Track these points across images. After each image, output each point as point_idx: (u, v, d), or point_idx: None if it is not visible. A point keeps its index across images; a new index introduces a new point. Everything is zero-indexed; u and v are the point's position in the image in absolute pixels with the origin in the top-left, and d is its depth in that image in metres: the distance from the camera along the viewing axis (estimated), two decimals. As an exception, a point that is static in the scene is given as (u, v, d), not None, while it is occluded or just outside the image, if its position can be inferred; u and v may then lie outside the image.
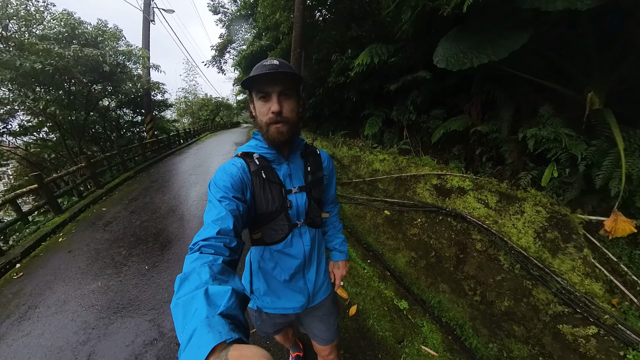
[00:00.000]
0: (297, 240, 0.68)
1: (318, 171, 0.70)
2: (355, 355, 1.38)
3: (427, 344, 1.48)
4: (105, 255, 2.44)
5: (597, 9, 1.25)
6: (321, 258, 0.78)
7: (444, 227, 2.05)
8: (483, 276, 1.71)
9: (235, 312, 0.32)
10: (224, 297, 0.32)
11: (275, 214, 0.63)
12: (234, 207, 0.53)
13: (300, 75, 0.58)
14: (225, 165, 0.61)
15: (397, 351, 1.42)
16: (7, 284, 2.16)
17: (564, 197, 1.69)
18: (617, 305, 1.36)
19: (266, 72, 0.53)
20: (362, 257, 2.31)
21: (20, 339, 1.56)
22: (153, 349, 1.43)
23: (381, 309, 1.70)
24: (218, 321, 0.29)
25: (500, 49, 1.53)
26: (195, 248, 0.45)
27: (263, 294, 0.73)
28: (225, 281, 0.37)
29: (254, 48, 6.31)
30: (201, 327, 0.27)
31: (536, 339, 1.42)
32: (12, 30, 4.68)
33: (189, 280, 0.36)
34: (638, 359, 1.18)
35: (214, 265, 0.40)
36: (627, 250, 1.59)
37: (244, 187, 0.59)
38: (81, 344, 1.49)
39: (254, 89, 0.58)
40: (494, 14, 1.72)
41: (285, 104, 0.57)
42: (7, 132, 5.95)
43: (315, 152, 0.73)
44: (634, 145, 1.50)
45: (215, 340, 0.26)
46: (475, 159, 2.29)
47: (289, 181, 0.66)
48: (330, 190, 0.81)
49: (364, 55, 2.72)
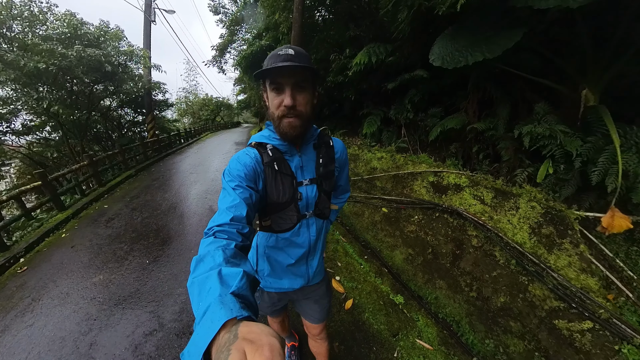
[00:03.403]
0: (304, 230, 0.70)
1: (330, 164, 0.70)
2: (351, 347, 1.41)
3: (422, 338, 1.49)
4: (107, 250, 2.48)
5: (590, 6, 1.26)
6: (323, 246, 0.81)
7: (441, 224, 2.06)
8: (479, 272, 1.73)
9: (246, 293, 0.34)
10: (235, 278, 0.34)
11: (285, 205, 0.65)
12: (247, 196, 0.54)
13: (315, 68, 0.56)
14: (239, 155, 0.62)
15: (392, 344, 1.44)
16: (11, 277, 2.21)
17: (561, 193, 1.69)
18: (613, 300, 1.37)
19: (279, 64, 0.52)
20: (359, 253, 2.33)
21: (24, 329, 1.60)
22: (152, 339, 1.47)
23: (377, 303, 1.72)
24: (230, 299, 0.30)
25: (494, 47, 1.55)
26: (210, 233, 0.47)
27: (266, 275, 0.76)
28: (237, 264, 0.39)
29: (254, 48, 6.34)
30: (215, 304, 0.29)
31: (532, 334, 1.43)
32: (16, 31, 4.76)
33: (204, 261, 0.38)
34: (633, 353, 1.19)
35: (227, 249, 0.42)
36: (624, 246, 1.59)
37: (256, 177, 0.60)
38: (83, 334, 1.53)
39: (268, 79, 0.57)
40: (489, 12, 1.74)
41: (299, 96, 0.56)
42: (10, 132, 6.02)
43: (328, 143, 0.71)
44: (630, 142, 1.51)
45: (227, 315, 0.27)
46: (473, 156, 2.30)
47: (300, 173, 0.66)
48: (341, 180, 0.82)
49: (362, 54, 2.75)
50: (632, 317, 1.32)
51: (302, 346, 1.34)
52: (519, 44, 1.51)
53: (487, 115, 2.21)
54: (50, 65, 4.36)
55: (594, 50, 1.60)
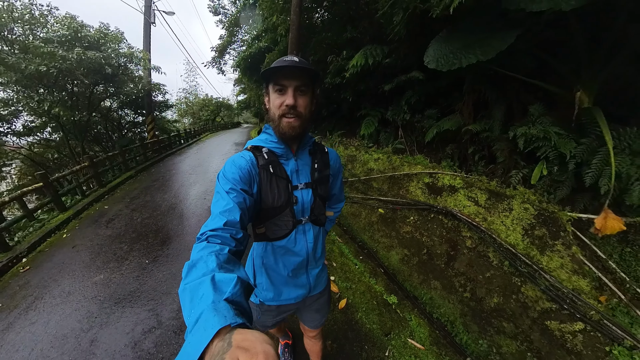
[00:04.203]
0: (300, 237, 0.68)
1: (325, 169, 0.71)
2: (343, 346, 1.43)
3: (414, 337, 1.51)
4: (107, 250, 2.51)
5: (584, 7, 1.26)
6: (323, 253, 0.80)
7: (436, 225, 2.08)
8: (473, 273, 1.74)
9: (240, 299, 0.33)
10: (229, 284, 0.33)
11: (281, 209, 0.64)
12: (241, 200, 0.54)
13: (318, 74, 0.59)
14: (234, 158, 0.62)
15: (384, 343, 1.46)
16: (14, 277, 2.25)
17: (556, 195, 1.70)
18: (606, 302, 1.38)
19: (286, 65, 0.55)
20: (355, 254, 2.35)
21: (27, 327, 1.64)
22: (151, 336, 1.50)
23: (370, 303, 1.74)
24: (224, 306, 0.29)
25: (488, 49, 1.56)
26: (202, 237, 0.46)
27: (265, 289, 0.74)
28: (231, 270, 0.38)
29: (252, 50, 6.37)
30: (208, 311, 0.28)
31: (525, 334, 1.44)
32: (17, 34, 4.80)
33: (197, 267, 0.37)
34: (623, 355, 1.20)
35: (221, 254, 0.41)
36: (618, 247, 1.60)
37: (251, 180, 0.60)
38: (84, 331, 1.57)
39: (272, 81, 0.59)
40: (483, 15, 1.75)
41: (300, 99, 0.58)
42: (11, 133, 6.07)
43: (323, 150, 0.73)
44: (624, 144, 1.51)
45: (221, 323, 0.27)
46: (469, 157, 2.31)
47: (295, 177, 0.66)
48: (334, 188, 0.82)
49: (359, 56, 2.76)
50: (624, 318, 1.33)
51: (295, 344, 1.36)
52: (514, 46, 1.52)
53: (483, 116, 2.21)
54: (52, 67, 4.40)
55: (588, 51, 1.60)
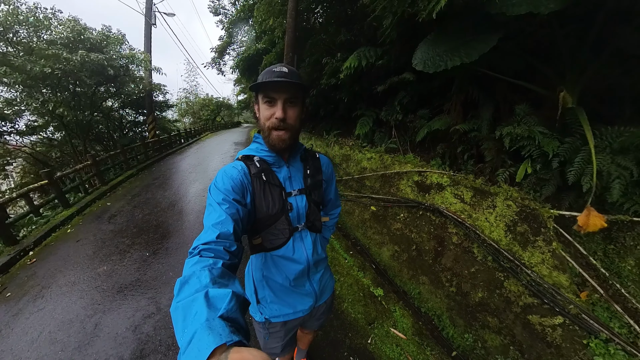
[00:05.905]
0: (298, 245, 0.67)
1: (317, 174, 0.71)
2: (328, 333, 1.50)
3: (396, 327, 1.57)
4: (110, 244, 2.62)
5: (565, 10, 1.30)
6: (325, 259, 0.79)
7: (424, 222, 2.13)
8: (459, 268, 1.80)
9: (236, 315, 0.31)
10: (224, 300, 0.32)
11: (276, 217, 0.63)
12: (234, 211, 0.52)
13: (306, 85, 0.59)
14: (226, 168, 0.62)
15: (367, 331, 1.53)
16: (22, 268, 2.37)
17: (542, 193, 1.74)
18: (587, 297, 1.42)
19: (274, 79, 0.55)
20: (345, 249, 2.42)
21: (36, 312, 1.76)
22: (151, 321, 1.61)
23: (357, 295, 1.81)
24: (218, 324, 0.28)
25: (472, 52, 1.61)
26: (195, 252, 0.44)
27: (270, 302, 0.71)
28: (225, 285, 0.37)
29: (251, 51, 6.46)
30: (201, 330, 0.27)
31: (508, 329, 1.49)
32: (22, 36, 4.93)
33: (189, 283, 0.36)
34: (599, 347, 1.25)
35: (214, 268, 0.39)
36: (602, 244, 1.64)
37: (244, 190, 0.59)
38: (89, 316, 1.68)
39: (261, 93, 0.59)
40: (468, 19, 1.79)
41: (290, 111, 0.58)
42: (14, 132, 6.18)
43: (314, 156, 0.73)
44: (605, 142, 1.55)
45: (216, 342, 0.25)
46: (458, 156, 2.36)
47: (289, 184, 0.66)
48: (330, 194, 0.81)
49: (352, 58, 2.81)
50: (603, 313, 1.37)
51: None
52: (502, 49, 1.56)
53: (472, 116, 2.26)
54: (56, 69, 4.52)
55: (571, 52, 1.65)
